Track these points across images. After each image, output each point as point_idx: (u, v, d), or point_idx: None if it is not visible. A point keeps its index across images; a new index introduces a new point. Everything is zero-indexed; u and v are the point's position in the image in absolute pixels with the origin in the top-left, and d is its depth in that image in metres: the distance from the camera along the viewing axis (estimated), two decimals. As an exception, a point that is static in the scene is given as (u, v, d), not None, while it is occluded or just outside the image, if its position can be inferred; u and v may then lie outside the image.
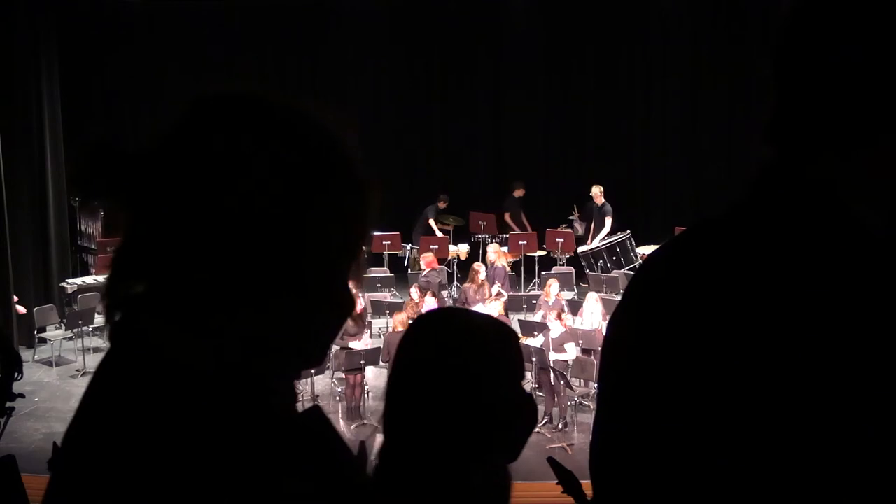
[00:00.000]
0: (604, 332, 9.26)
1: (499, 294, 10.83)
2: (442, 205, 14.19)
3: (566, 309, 10.06)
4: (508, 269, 11.97)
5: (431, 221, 13.95)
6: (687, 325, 0.93)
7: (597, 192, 13.40)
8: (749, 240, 0.95)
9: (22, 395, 4.11)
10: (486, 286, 10.79)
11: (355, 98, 14.09)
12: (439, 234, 13.70)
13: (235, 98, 0.87)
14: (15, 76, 11.54)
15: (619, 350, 1.04)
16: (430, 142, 15.46)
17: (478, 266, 11.29)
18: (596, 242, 13.05)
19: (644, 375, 0.96)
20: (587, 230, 13.64)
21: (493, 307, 9.85)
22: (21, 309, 10.64)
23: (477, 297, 10.51)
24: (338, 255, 0.87)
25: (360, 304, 9.85)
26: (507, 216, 14.11)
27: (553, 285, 10.38)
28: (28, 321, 11.00)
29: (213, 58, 13.63)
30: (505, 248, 12.49)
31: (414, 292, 10.49)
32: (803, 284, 0.90)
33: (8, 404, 4.01)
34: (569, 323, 9.63)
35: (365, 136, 0.93)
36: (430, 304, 9.94)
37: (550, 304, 10.14)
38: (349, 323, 9.44)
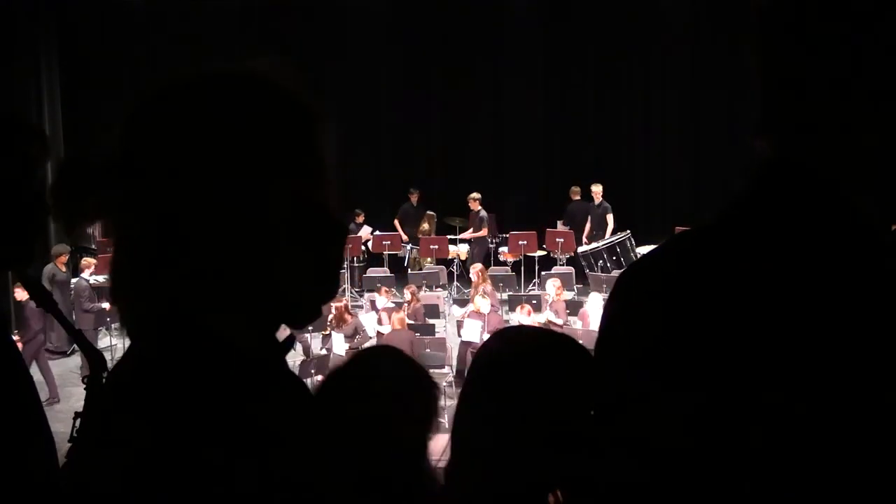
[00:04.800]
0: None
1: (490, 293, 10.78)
2: (413, 198, 14.19)
3: (547, 306, 10.13)
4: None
5: (396, 222, 13.98)
6: (695, 325, 0.89)
7: (597, 190, 13.39)
8: (754, 242, 0.92)
9: None
10: (482, 286, 10.79)
11: (355, 98, 14.07)
12: (403, 235, 13.67)
13: (184, 85, 0.95)
14: (15, 76, 11.53)
15: (614, 356, 1.00)
16: (429, 142, 15.44)
17: (475, 266, 11.36)
18: (599, 241, 13.01)
19: (642, 379, 0.92)
20: (578, 231, 13.50)
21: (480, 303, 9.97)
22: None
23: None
24: (310, 188, 0.91)
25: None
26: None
27: (548, 284, 10.40)
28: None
29: (213, 58, 13.55)
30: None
31: (406, 294, 10.59)
32: (809, 287, 0.88)
33: None
34: (554, 320, 9.71)
35: (365, 137, 0.93)
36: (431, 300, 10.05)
37: (549, 303, 10.18)
38: (344, 326, 9.45)
